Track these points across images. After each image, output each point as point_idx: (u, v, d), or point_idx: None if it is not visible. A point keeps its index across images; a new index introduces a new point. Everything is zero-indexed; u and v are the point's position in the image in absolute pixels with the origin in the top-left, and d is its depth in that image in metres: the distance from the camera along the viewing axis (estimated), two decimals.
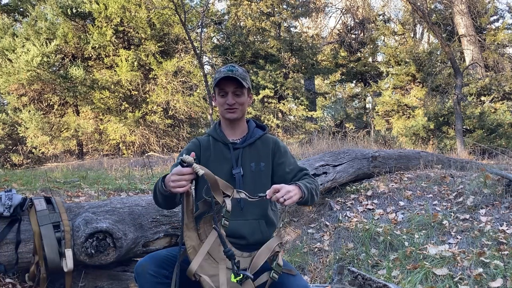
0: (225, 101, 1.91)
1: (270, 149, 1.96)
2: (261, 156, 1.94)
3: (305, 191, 1.73)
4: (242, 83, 1.89)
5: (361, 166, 4.68)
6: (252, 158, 1.92)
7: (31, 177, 5.11)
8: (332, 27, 19.35)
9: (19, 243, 2.13)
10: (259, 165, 1.92)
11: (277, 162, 1.95)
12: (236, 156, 1.91)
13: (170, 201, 1.74)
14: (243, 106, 1.94)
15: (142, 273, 1.65)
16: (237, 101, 1.91)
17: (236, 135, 1.99)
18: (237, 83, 1.90)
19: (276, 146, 1.97)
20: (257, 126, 2.06)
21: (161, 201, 1.75)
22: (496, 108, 10.07)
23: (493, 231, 3.32)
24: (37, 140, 11.96)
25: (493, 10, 14.13)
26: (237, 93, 1.91)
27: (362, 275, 2.32)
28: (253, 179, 1.89)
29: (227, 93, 1.91)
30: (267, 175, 1.93)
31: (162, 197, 1.71)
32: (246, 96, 1.96)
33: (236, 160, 1.91)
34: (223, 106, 1.93)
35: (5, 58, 11.55)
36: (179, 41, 13.46)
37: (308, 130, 13.01)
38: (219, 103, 1.94)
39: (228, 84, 1.90)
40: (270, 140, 1.99)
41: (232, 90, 1.90)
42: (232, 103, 1.90)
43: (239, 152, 1.92)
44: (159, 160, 9.20)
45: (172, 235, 2.52)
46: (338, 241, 3.67)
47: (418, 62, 12.13)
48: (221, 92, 1.92)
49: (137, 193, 4.34)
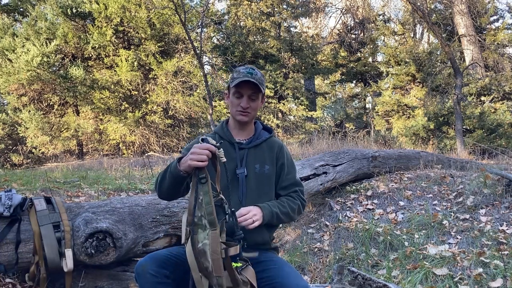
0: (239, 103, 1.90)
1: (275, 153, 1.96)
2: (266, 159, 1.94)
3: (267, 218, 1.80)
4: (260, 88, 1.89)
5: (361, 166, 4.68)
6: (257, 159, 1.92)
7: (31, 177, 5.11)
8: (332, 27, 19.37)
9: (19, 243, 2.13)
10: (263, 168, 1.92)
11: (278, 167, 1.96)
12: (241, 156, 1.91)
13: (176, 187, 1.73)
14: (255, 111, 1.95)
15: (142, 273, 1.65)
16: (251, 105, 1.91)
17: (243, 136, 1.99)
18: (255, 88, 1.89)
19: (280, 152, 1.98)
20: (264, 128, 2.06)
21: (167, 185, 1.74)
22: (496, 108, 10.07)
23: (493, 231, 3.32)
24: (37, 140, 11.96)
25: (493, 10, 14.13)
26: (253, 97, 1.91)
27: (362, 275, 2.32)
28: (256, 180, 1.89)
29: (242, 95, 1.90)
30: (271, 179, 1.93)
31: (171, 181, 1.71)
32: (260, 100, 1.96)
33: (241, 160, 1.90)
34: (236, 108, 1.91)
35: (5, 58, 11.54)
36: (179, 41, 13.46)
37: (308, 130, 13.01)
38: (233, 103, 1.92)
39: (245, 88, 1.88)
40: (276, 144, 1.99)
41: (249, 94, 1.90)
42: (246, 107, 1.90)
43: (244, 153, 1.92)
44: (159, 160, 9.20)
45: (172, 235, 2.52)
46: (338, 241, 3.67)
47: (418, 62, 12.13)
48: (237, 93, 1.90)
49: (137, 193, 4.34)
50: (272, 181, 1.93)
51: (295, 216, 1.93)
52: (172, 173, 1.68)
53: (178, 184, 1.72)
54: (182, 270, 1.69)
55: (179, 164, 1.65)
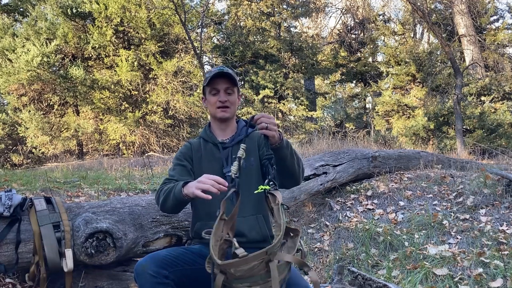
0: (217, 99, 1.93)
1: (256, 142, 1.97)
2: (250, 151, 1.93)
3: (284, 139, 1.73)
4: (234, 81, 1.92)
5: (361, 166, 4.67)
6: None
7: (31, 177, 5.11)
8: (332, 27, 19.36)
9: (19, 243, 2.13)
10: (249, 161, 1.92)
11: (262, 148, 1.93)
12: (225, 155, 1.93)
13: (180, 207, 1.79)
14: (234, 105, 1.97)
15: (142, 273, 1.65)
16: (229, 99, 1.94)
17: (225, 135, 2.01)
18: (229, 81, 1.93)
19: (260, 139, 1.94)
20: (249, 126, 2.05)
21: (171, 205, 1.77)
22: (496, 108, 10.07)
23: (493, 231, 3.33)
24: (37, 140, 11.96)
25: (493, 10, 14.13)
26: (229, 91, 1.94)
27: (362, 275, 2.32)
28: (244, 175, 1.86)
29: (218, 91, 1.93)
30: (257, 169, 1.93)
31: (174, 202, 1.74)
32: (237, 95, 1.99)
33: (226, 159, 1.92)
34: (214, 105, 1.94)
35: (5, 58, 11.55)
36: (179, 41, 13.46)
37: (308, 130, 13.00)
38: (211, 102, 1.96)
39: (220, 82, 1.93)
40: (257, 134, 1.97)
41: (224, 88, 1.93)
42: (224, 100, 1.92)
43: (228, 151, 1.94)
44: (159, 160, 9.20)
45: (172, 235, 2.52)
46: (338, 241, 3.67)
47: (418, 62, 12.13)
48: (213, 90, 1.94)
49: (137, 193, 4.34)
50: (259, 170, 1.92)
51: (301, 165, 1.87)
52: (176, 196, 1.71)
53: (182, 205, 1.77)
54: (182, 271, 1.69)
55: (184, 187, 1.67)
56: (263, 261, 1.44)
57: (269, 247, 1.44)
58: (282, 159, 1.76)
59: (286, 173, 1.81)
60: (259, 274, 1.45)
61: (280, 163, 1.76)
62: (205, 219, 1.87)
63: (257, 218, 1.87)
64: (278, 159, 1.75)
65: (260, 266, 1.45)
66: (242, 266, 1.42)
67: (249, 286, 1.46)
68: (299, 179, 1.88)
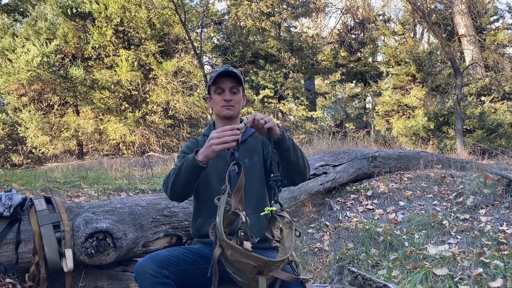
0: (222, 98, 1.93)
1: (260, 141, 1.98)
2: (254, 151, 1.95)
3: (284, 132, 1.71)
4: (239, 80, 1.92)
5: (361, 166, 4.67)
6: (246, 154, 1.93)
7: (31, 177, 5.11)
8: (332, 27, 19.36)
9: (19, 243, 2.13)
10: (253, 160, 1.93)
11: (267, 148, 1.95)
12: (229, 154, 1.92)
13: (193, 183, 1.75)
14: (239, 104, 1.96)
15: (142, 273, 1.65)
16: (233, 98, 1.93)
17: None
18: (234, 80, 1.92)
19: (264, 138, 1.94)
20: None
21: (183, 182, 1.73)
22: (496, 108, 10.06)
23: (493, 231, 3.33)
24: (37, 140, 11.97)
25: (493, 10, 14.13)
26: (234, 90, 1.94)
27: (362, 275, 2.32)
28: (247, 174, 1.86)
29: (223, 90, 1.93)
30: (261, 168, 1.94)
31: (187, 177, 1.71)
32: (242, 95, 1.99)
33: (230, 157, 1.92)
34: (219, 104, 1.94)
35: (5, 58, 11.55)
36: (179, 41, 13.46)
37: (308, 130, 13.00)
38: (216, 101, 1.95)
39: (225, 81, 1.92)
40: None
41: (229, 87, 1.93)
42: (229, 99, 1.92)
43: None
44: (159, 160, 9.20)
45: (172, 235, 2.52)
46: (338, 241, 3.67)
47: (418, 62, 12.13)
48: (218, 89, 1.94)
49: (137, 193, 4.34)
50: (262, 169, 1.93)
51: (305, 158, 1.84)
52: (189, 165, 1.68)
53: (195, 178, 1.73)
54: (182, 271, 1.69)
55: (197, 155, 1.67)
56: (256, 268, 1.49)
57: (270, 261, 1.48)
58: (286, 150, 1.73)
59: (292, 167, 1.78)
60: (246, 274, 1.52)
61: (285, 156, 1.74)
62: (207, 216, 1.87)
63: (258, 217, 1.87)
64: (282, 151, 1.73)
65: (252, 270, 1.50)
66: (239, 257, 1.48)
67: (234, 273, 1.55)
68: (305, 173, 1.85)
